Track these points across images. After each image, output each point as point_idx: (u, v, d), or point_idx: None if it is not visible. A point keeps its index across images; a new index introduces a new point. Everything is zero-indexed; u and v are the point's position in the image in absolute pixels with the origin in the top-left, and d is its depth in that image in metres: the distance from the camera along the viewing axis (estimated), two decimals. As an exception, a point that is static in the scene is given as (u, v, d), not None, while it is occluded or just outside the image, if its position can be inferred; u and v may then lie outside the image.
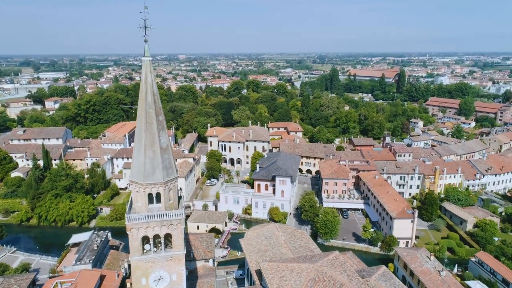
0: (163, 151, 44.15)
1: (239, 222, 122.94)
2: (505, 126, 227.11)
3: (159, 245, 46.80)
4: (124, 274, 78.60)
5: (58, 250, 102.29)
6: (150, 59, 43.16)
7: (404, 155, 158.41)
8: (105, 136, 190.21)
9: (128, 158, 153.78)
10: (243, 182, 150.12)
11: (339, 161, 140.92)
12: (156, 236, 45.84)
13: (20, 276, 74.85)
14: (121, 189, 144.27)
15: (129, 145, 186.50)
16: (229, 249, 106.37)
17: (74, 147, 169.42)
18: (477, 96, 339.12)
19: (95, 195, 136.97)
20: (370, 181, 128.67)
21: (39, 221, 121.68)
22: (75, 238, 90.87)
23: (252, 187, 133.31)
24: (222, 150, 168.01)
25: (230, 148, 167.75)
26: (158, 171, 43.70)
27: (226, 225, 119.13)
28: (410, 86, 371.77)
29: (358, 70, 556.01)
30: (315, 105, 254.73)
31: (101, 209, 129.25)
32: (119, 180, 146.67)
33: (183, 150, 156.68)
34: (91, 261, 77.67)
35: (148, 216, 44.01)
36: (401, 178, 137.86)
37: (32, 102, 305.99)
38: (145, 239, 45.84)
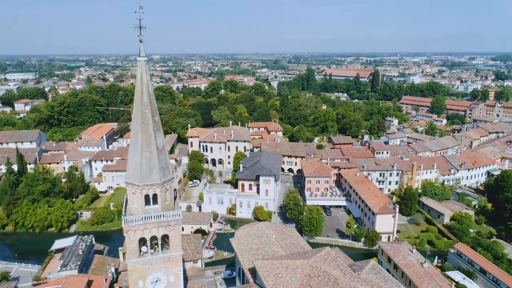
0: (160, 151, 43.85)
1: (224, 223, 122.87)
2: (475, 123, 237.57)
3: (156, 246, 46.37)
4: (111, 279, 77.07)
5: (37, 257, 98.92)
6: (145, 59, 42.67)
7: (382, 152, 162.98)
8: (81, 138, 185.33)
9: (107, 161, 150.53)
10: (226, 182, 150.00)
11: (321, 160, 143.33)
12: (153, 238, 45.42)
13: (0, 285, 72.02)
14: (101, 192, 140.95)
15: (107, 147, 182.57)
16: (215, 249, 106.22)
17: (50, 151, 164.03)
18: (447, 95, 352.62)
19: (74, 199, 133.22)
20: (351, 178, 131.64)
21: (16, 228, 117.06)
22: (58, 243, 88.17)
23: (236, 187, 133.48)
24: (204, 151, 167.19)
25: (211, 148, 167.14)
26: (155, 172, 43.36)
27: (211, 225, 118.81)
28: (384, 85, 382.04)
29: (333, 70, 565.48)
30: (294, 104, 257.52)
31: (81, 213, 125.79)
32: (99, 184, 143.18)
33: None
34: (77, 267, 75.68)
35: (145, 217, 43.57)
36: (380, 174, 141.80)
37: (0, 105, 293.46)
38: (142, 241, 45.32)
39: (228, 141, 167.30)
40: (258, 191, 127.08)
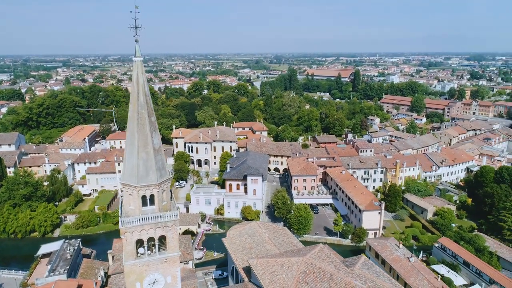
0: (156, 152, 43.60)
1: (212, 223, 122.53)
2: (454, 121, 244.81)
3: (153, 247, 45.99)
4: (101, 282, 75.81)
5: (21, 263, 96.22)
6: (141, 59, 42.29)
7: (366, 151, 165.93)
8: (62, 140, 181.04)
9: (90, 163, 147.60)
10: (213, 183, 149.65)
11: (307, 159, 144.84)
12: (150, 239, 45.02)
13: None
14: (85, 195, 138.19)
15: (89, 149, 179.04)
16: (205, 250, 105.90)
17: (30, 153, 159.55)
18: (425, 94, 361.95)
19: (57, 203, 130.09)
20: (337, 176, 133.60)
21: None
22: (45, 248, 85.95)
23: (223, 188, 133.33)
24: (189, 152, 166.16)
25: (197, 149, 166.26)
26: (152, 173, 43.05)
27: (199, 226, 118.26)
28: (365, 85, 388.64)
29: (315, 70, 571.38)
30: (278, 104, 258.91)
31: (65, 217, 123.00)
32: (82, 186, 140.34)
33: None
34: (65, 271, 74.05)
35: (142, 218, 43.17)
36: (365, 172, 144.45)
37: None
38: (139, 243, 44.86)
39: (214, 141, 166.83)
40: (246, 191, 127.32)
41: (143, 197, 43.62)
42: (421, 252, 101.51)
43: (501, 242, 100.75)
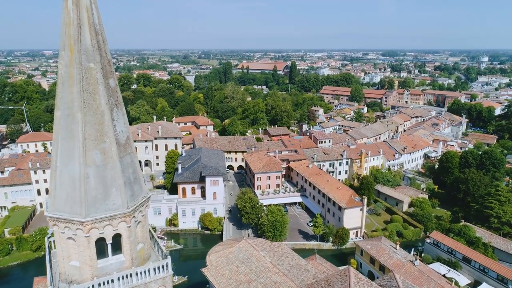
0: (123, 149, 22.58)
1: (165, 238, 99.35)
2: (396, 109, 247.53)
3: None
4: None
5: None
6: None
7: (325, 142, 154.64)
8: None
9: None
10: (158, 187, 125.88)
11: (268, 153, 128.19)
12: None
13: None
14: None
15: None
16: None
17: None
18: (358, 84, 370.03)
19: None
20: (304, 171, 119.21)
21: None
22: None
23: (173, 193, 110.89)
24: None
25: (135, 148, 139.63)
26: (116, 192, 22.05)
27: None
28: (301, 77, 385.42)
29: (250, 63, 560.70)
30: (219, 97, 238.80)
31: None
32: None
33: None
34: None
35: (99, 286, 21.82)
36: (330, 164, 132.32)
37: None
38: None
39: (156, 138, 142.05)
40: (203, 195, 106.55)
41: (99, 242, 22.09)
42: (412, 249, 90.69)
43: (486, 230, 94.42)
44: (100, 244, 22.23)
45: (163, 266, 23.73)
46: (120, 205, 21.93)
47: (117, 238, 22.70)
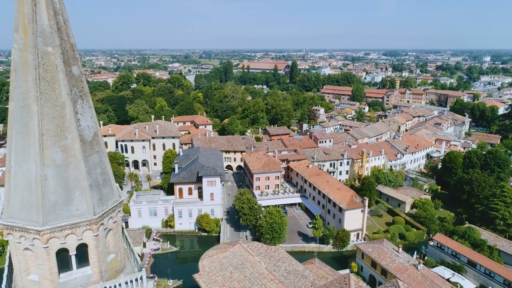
0: (89, 146, 19.81)
1: (161, 240, 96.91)
2: (398, 109, 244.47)
3: None
4: None
5: None
6: None
7: (325, 141, 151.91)
8: None
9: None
10: (155, 188, 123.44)
11: (267, 153, 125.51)
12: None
13: None
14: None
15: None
16: (156, 279, 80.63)
17: None
18: (360, 84, 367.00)
19: None
20: (304, 171, 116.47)
21: None
22: None
23: (170, 193, 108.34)
24: (123, 152, 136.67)
25: (132, 148, 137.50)
26: (80, 195, 19.32)
27: (144, 246, 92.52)
28: (302, 76, 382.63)
29: (251, 63, 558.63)
30: (219, 96, 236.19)
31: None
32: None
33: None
34: None
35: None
36: (331, 165, 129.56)
37: None
38: None
39: (153, 138, 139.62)
40: (200, 196, 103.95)
41: (62, 253, 19.32)
42: (415, 252, 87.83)
43: (492, 232, 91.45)
44: (63, 256, 19.56)
45: (137, 279, 21.03)
46: (85, 211, 19.23)
47: (83, 248, 20.02)
